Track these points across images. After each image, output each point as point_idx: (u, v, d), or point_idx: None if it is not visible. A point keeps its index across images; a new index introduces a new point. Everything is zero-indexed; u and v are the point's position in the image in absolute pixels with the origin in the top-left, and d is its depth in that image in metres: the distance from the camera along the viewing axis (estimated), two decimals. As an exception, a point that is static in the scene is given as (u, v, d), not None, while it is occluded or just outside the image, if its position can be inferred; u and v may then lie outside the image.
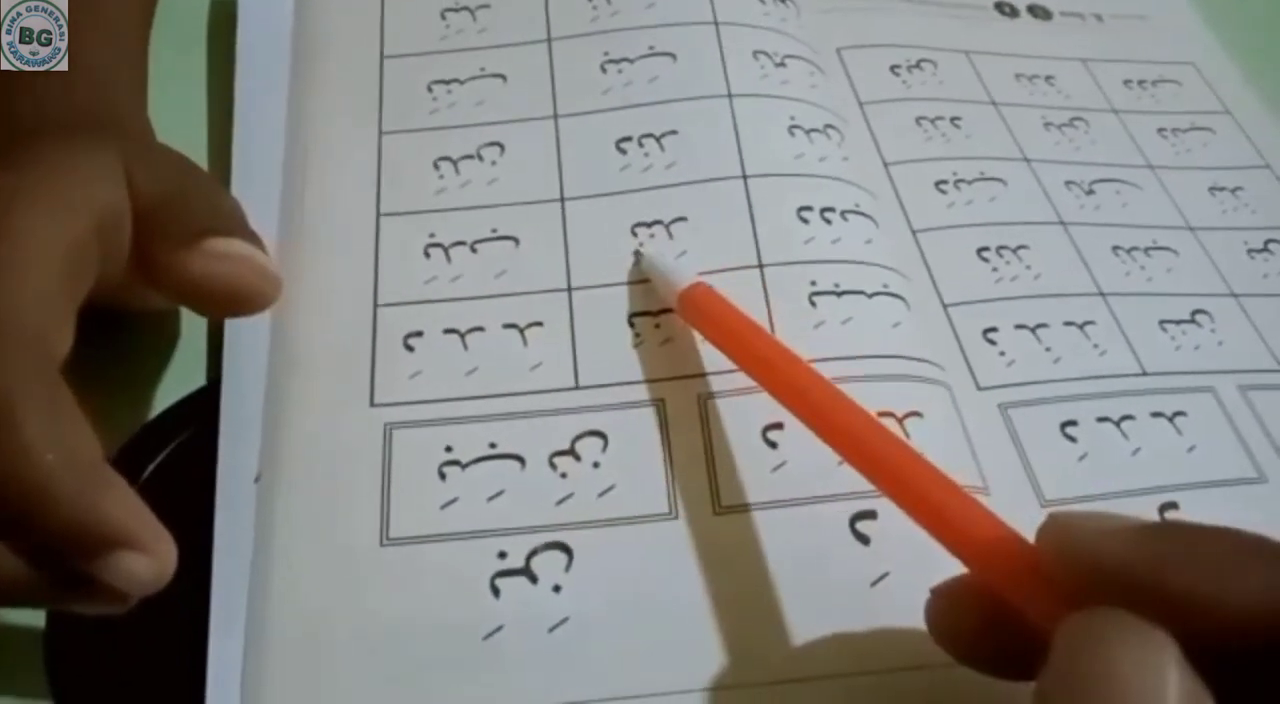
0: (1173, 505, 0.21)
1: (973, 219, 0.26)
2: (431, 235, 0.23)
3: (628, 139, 0.25)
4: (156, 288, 0.19)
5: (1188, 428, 0.23)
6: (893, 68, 0.30)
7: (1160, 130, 0.30)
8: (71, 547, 0.15)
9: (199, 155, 0.25)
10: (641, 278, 0.23)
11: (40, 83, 0.21)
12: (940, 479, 0.16)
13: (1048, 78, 0.31)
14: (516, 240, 0.23)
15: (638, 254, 0.23)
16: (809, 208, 0.24)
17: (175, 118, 0.24)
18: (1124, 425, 0.23)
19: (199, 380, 0.22)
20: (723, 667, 0.18)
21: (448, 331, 0.22)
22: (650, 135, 0.25)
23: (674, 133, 0.25)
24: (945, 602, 0.16)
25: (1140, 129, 0.30)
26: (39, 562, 0.15)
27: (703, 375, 0.21)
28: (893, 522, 0.19)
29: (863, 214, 0.24)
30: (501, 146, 0.25)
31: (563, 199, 0.24)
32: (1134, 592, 0.12)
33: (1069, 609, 0.13)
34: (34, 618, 0.19)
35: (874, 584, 0.19)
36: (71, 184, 0.17)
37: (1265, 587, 0.12)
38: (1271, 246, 0.28)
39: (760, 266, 0.23)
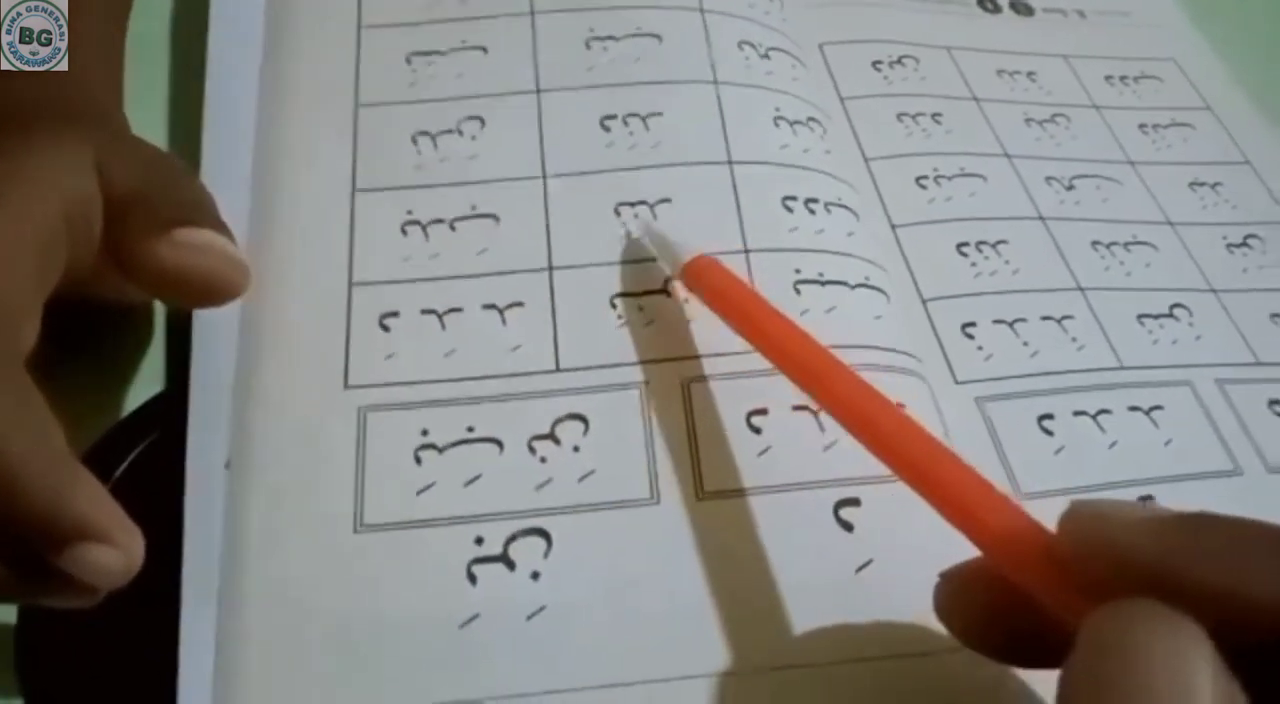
0: (1149, 498, 0.22)
1: (952, 214, 0.26)
2: (409, 212, 0.22)
3: (612, 117, 0.24)
4: (128, 279, 0.18)
5: (1165, 421, 0.23)
6: (874, 63, 0.30)
7: (1141, 126, 0.30)
8: (38, 539, 0.15)
9: (164, 130, 0.25)
10: (631, 257, 0.22)
11: (13, 77, 0.20)
12: (957, 463, 0.16)
13: (1029, 74, 0.31)
14: (497, 218, 0.23)
15: (641, 221, 0.22)
16: (793, 197, 0.23)
17: (143, 91, 0.24)
18: (1100, 419, 0.23)
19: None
20: (704, 654, 0.17)
21: (425, 312, 0.21)
22: (635, 115, 0.24)
23: (659, 114, 0.24)
24: (954, 586, 0.16)
25: (1121, 125, 0.30)
26: (5, 555, 0.15)
27: (687, 358, 0.21)
28: (877, 509, 0.19)
29: (845, 207, 0.24)
30: (482, 121, 0.24)
31: (544, 176, 0.23)
32: (1163, 584, 0.12)
33: (1090, 600, 0.12)
34: (4, 615, 0.18)
35: (858, 571, 0.18)
36: (41, 174, 0.17)
37: None
38: (1251, 242, 0.28)
39: (746, 252, 0.22)
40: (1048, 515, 0.14)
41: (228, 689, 0.17)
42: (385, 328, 0.21)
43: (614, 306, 0.21)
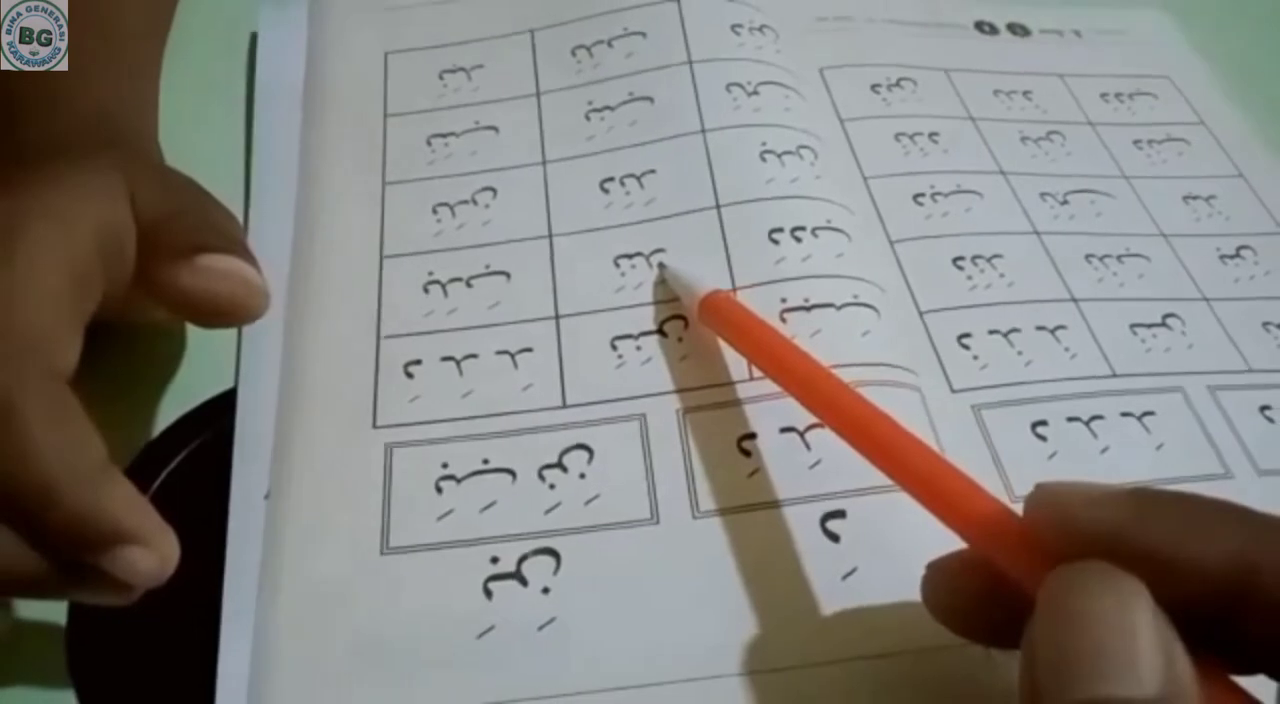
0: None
1: (949, 230, 0.27)
2: (430, 273, 0.25)
3: (610, 180, 0.27)
4: (155, 300, 0.20)
5: (1156, 427, 0.24)
6: (873, 86, 0.31)
7: (1135, 141, 0.31)
8: (77, 542, 0.16)
9: (236, 200, 0.27)
10: (657, 298, 0.24)
11: (49, 108, 0.22)
12: (941, 461, 0.18)
13: (1025, 93, 0.32)
14: (508, 275, 0.25)
15: (661, 265, 0.25)
16: (779, 229, 0.25)
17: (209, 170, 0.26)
18: (1093, 425, 0.23)
19: (211, 387, 0.24)
20: (701, 659, 0.19)
21: (445, 359, 0.24)
22: (631, 175, 0.27)
23: (652, 172, 0.27)
24: (940, 575, 0.17)
25: (1116, 141, 0.31)
26: (49, 556, 0.17)
27: (682, 391, 0.23)
28: (861, 520, 0.20)
29: (834, 229, 0.26)
30: (494, 191, 0.27)
31: (550, 236, 0.26)
32: (1112, 548, 0.14)
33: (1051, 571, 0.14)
34: (56, 614, 0.20)
35: (844, 578, 0.20)
36: (76, 205, 0.19)
37: (1225, 539, 0.14)
38: (1243, 253, 0.28)
39: (733, 289, 0.24)
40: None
41: (262, 695, 0.19)
42: (409, 374, 0.23)
43: (614, 347, 0.24)
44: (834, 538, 0.20)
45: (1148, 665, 0.12)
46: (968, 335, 0.25)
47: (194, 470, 0.22)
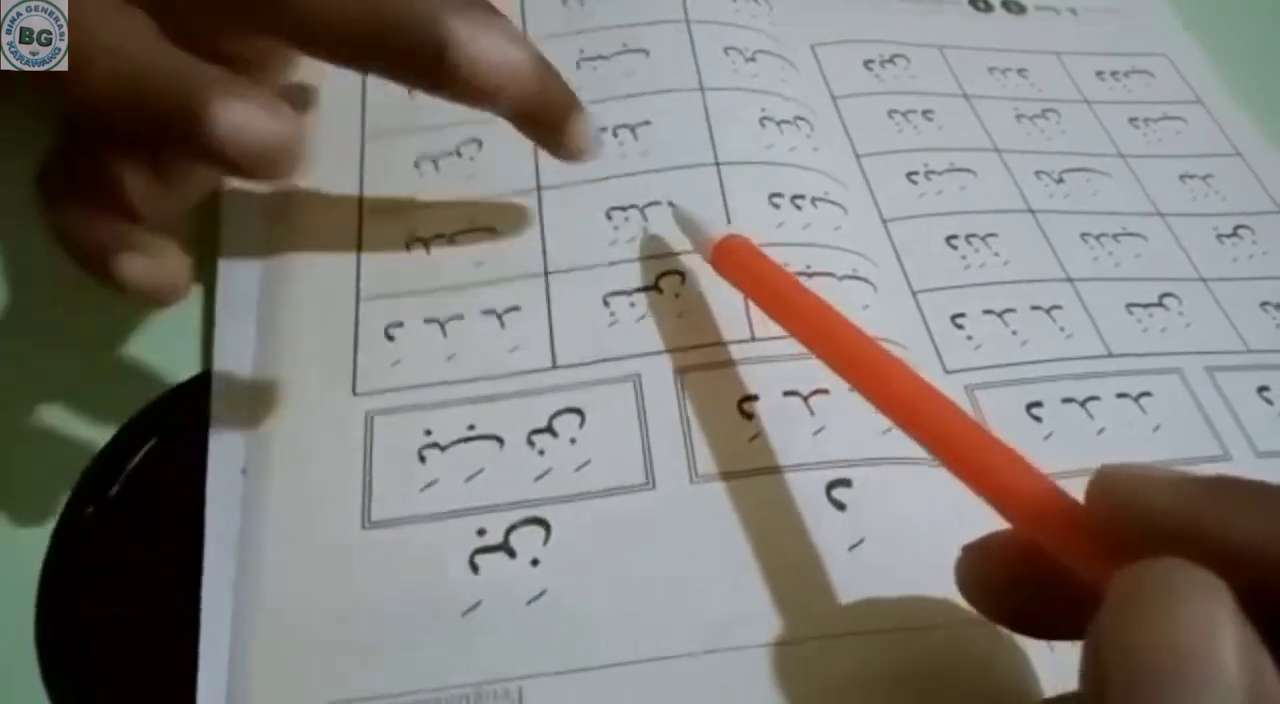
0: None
1: (942, 208, 0.27)
2: (412, 231, 0.24)
3: (603, 129, 0.25)
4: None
5: (1153, 408, 0.23)
6: (866, 63, 0.30)
7: (1132, 120, 0.31)
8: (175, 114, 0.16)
9: None
10: (644, 253, 0.23)
11: None
12: (985, 435, 0.16)
13: (1020, 70, 0.32)
14: (494, 230, 0.24)
15: (672, 205, 0.23)
16: (780, 194, 0.24)
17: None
18: (1089, 406, 0.23)
19: (182, 372, 0.22)
20: (699, 633, 0.18)
21: (428, 321, 0.22)
22: (625, 126, 0.25)
23: (648, 123, 0.25)
24: (978, 555, 0.16)
25: (1112, 119, 0.30)
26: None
27: (679, 350, 0.22)
28: (869, 489, 0.20)
29: (832, 202, 0.25)
30: (479, 143, 0.25)
31: (539, 189, 0.25)
32: (1189, 544, 0.12)
33: (1117, 563, 0.13)
34: (28, 606, 0.19)
35: (851, 549, 0.19)
36: None
37: None
38: (1241, 232, 0.28)
39: None
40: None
41: (244, 675, 0.18)
42: (390, 337, 0.22)
43: (607, 304, 0.22)
44: (840, 507, 0.19)
45: (1232, 680, 0.11)
46: (962, 315, 0.25)
47: (168, 455, 0.21)
